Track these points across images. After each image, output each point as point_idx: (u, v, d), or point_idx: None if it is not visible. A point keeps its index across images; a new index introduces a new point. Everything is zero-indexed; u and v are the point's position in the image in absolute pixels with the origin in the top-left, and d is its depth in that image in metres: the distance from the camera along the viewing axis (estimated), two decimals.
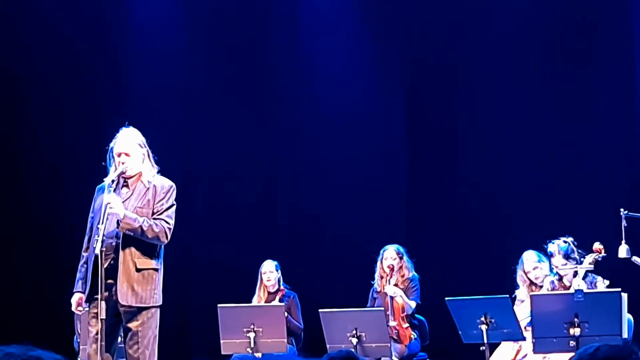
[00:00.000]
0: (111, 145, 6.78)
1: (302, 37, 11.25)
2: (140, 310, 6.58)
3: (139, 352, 6.54)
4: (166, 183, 6.79)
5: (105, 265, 6.43)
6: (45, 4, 11.16)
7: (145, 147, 6.81)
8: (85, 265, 6.64)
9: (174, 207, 6.77)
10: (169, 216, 6.70)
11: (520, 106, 10.67)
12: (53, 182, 11.08)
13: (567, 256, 7.97)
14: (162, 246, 6.73)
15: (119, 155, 6.72)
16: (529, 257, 8.36)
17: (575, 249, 7.98)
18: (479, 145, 10.81)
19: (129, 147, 6.73)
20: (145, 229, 6.53)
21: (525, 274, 8.36)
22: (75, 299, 6.65)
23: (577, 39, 10.58)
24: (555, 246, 8.04)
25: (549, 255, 8.09)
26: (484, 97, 10.80)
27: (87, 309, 6.60)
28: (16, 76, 11.20)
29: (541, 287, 8.25)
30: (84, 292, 6.59)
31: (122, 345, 6.73)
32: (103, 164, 6.83)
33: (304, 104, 11.19)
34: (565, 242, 8.02)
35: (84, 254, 6.68)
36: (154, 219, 6.65)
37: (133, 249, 6.56)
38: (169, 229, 6.65)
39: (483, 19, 10.81)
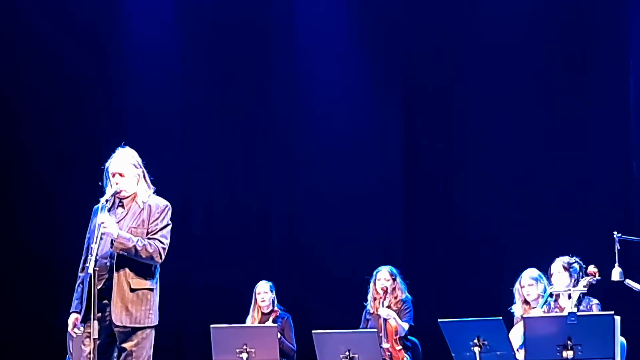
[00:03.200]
0: (106, 165, 6.78)
1: (298, 60, 11.27)
2: (135, 330, 6.57)
3: None
4: (161, 203, 6.78)
5: (99, 286, 6.45)
6: (41, 24, 11.18)
7: (140, 167, 6.79)
8: (81, 286, 6.63)
9: (169, 226, 6.75)
10: (163, 236, 6.68)
11: (515, 129, 10.69)
12: (49, 202, 11.08)
13: (568, 266, 7.99)
14: (158, 266, 6.71)
15: (113, 175, 6.71)
16: (528, 273, 8.39)
17: (578, 267, 7.99)
18: (474, 167, 10.82)
19: (123, 167, 6.71)
20: (139, 248, 6.52)
21: (521, 287, 8.38)
22: (71, 319, 6.64)
23: (572, 63, 10.61)
24: (560, 257, 8.08)
25: (551, 265, 8.10)
26: (480, 118, 10.82)
27: (82, 329, 6.59)
28: (10, 98, 11.22)
29: (533, 308, 8.26)
30: (79, 313, 6.57)
31: None
32: (100, 184, 6.82)
33: (300, 126, 11.21)
34: (571, 257, 8.06)
35: (81, 275, 6.66)
36: (149, 238, 6.63)
37: (127, 269, 6.55)
38: (163, 249, 6.64)
39: (480, 42, 10.85)
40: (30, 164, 11.15)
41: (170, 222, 6.75)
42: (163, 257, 6.64)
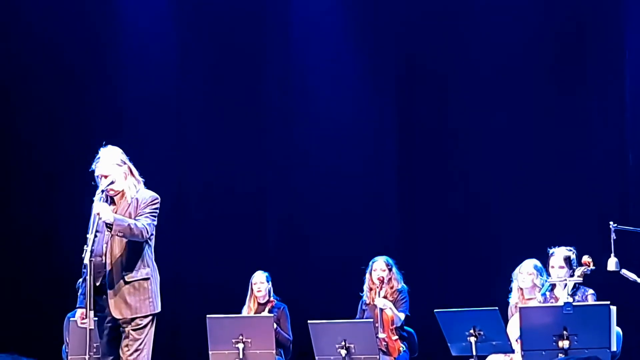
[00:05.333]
0: (93, 167, 6.91)
1: (294, 49, 11.25)
2: (136, 318, 6.78)
3: (128, 353, 6.74)
4: (148, 194, 6.93)
5: (97, 283, 6.69)
6: (38, 16, 11.16)
7: (125, 163, 6.92)
8: (85, 282, 6.79)
9: (157, 212, 6.89)
10: (150, 214, 6.83)
11: (512, 119, 10.68)
12: (47, 192, 11.09)
13: (567, 259, 7.99)
14: (152, 253, 6.89)
15: (100, 178, 6.86)
16: (531, 262, 8.36)
17: (575, 260, 8.00)
18: (471, 156, 10.81)
19: (107, 169, 6.84)
20: (132, 226, 6.68)
21: (520, 274, 8.36)
22: (78, 314, 6.84)
23: (568, 54, 10.60)
24: (560, 249, 8.07)
25: (550, 255, 8.09)
26: (476, 108, 10.81)
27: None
28: (9, 89, 11.20)
29: (528, 299, 8.27)
30: (84, 307, 6.73)
31: None
32: (93, 183, 6.94)
33: (295, 115, 11.20)
34: (569, 249, 8.06)
35: (84, 271, 6.80)
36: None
37: (120, 263, 6.76)
38: (149, 225, 6.77)
39: (476, 31, 10.82)
40: (29, 155, 11.14)
41: (157, 210, 6.89)
42: (150, 233, 6.78)
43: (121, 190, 6.86)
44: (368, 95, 11.16)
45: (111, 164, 6.83)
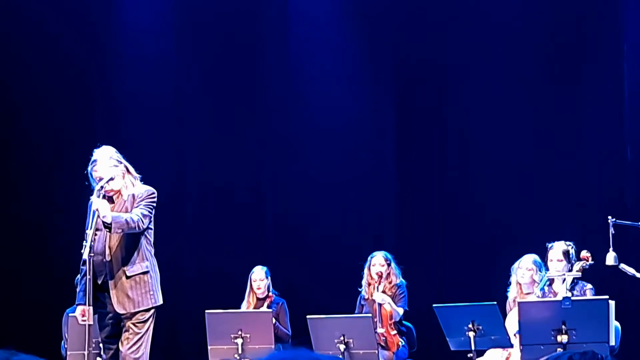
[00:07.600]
0: (89, 169, 6.98)
1: (292, 45, 11.25)
2: (138, 311, 6.91)
3: (127, 346, 6.85)
4: (144, 189, 7.02)
5: (100, 281, 6.85)
6: (37, 14, 11.15)
7: (121, 163, 7.01)
8: (84, 278, 6.86)
9: (153, 205, 6.95)
10: (146, 206, 6.89)
11: (510, 113, 10.68)
12: (44, 187, 11.08)
13: (566, 253, 7.99)
14: (151, 247, 7.00)
15: (97, 180, 6.93)
16: (531, 257, 8.33)
17: (574, 254, 7.99)
18: (469, 152, 10.82)
19: (106, 172, 6.91)
20: (129, 220, 6.77)
21: (519, 269, 8.34)
22: (78, 311, 6.92)
23: (567, 48, 10.60)
24: (558, 243, 8.06)
25: (549, 249, 8.09)
26: (474, 103, 10.81)
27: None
28: (7, 86, 11.20)
29: (526, 293, 8.26)
30: (84, 304, 6.81)
31: None
32: (86, 183, 7.01)
33: (293, 110, 11.19)
34: (568, 244, 8.05)
35: (83, 267, 6.88)
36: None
37: (120, 259, 6.88)
38: (144, 215, 6.84)
39: (474, 26, 10.82)
40: (28, 150, 11.14)
41: (153, 203, 6.96)
42: (145, 224, 6.86)
43: (118, 190, 6.96)
44: (366, 92, 11.15)
45: (109, 166, 6.91)
